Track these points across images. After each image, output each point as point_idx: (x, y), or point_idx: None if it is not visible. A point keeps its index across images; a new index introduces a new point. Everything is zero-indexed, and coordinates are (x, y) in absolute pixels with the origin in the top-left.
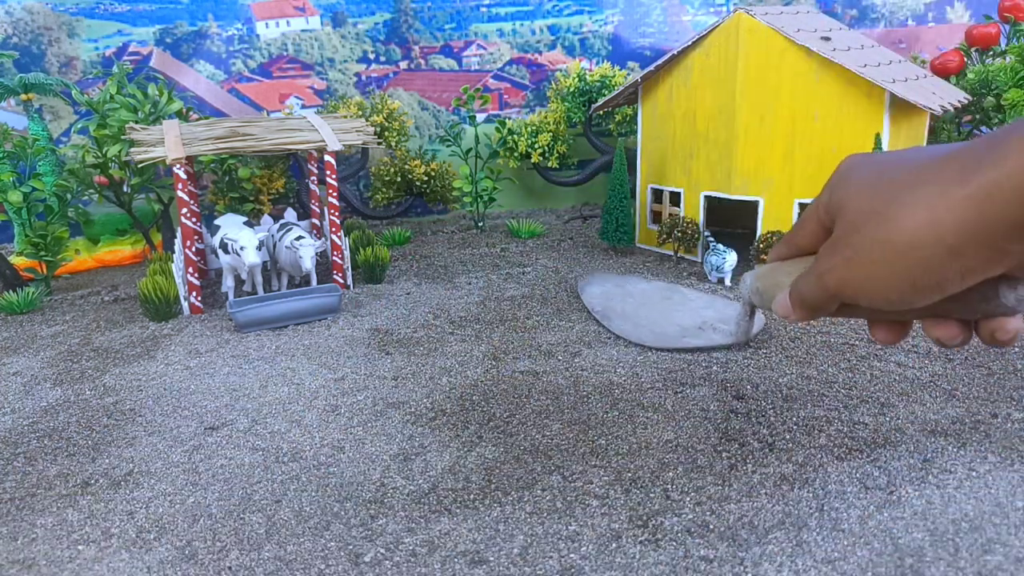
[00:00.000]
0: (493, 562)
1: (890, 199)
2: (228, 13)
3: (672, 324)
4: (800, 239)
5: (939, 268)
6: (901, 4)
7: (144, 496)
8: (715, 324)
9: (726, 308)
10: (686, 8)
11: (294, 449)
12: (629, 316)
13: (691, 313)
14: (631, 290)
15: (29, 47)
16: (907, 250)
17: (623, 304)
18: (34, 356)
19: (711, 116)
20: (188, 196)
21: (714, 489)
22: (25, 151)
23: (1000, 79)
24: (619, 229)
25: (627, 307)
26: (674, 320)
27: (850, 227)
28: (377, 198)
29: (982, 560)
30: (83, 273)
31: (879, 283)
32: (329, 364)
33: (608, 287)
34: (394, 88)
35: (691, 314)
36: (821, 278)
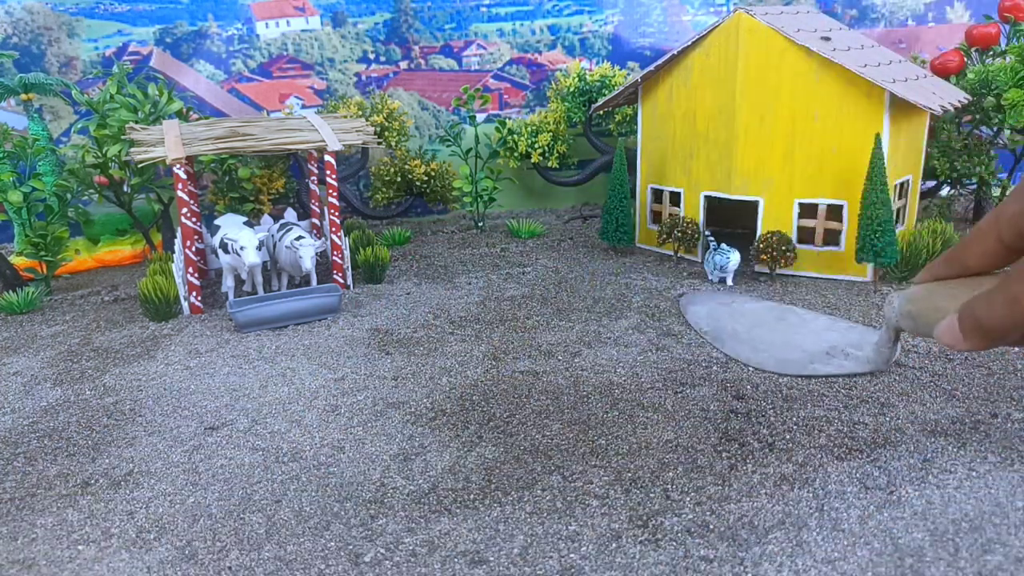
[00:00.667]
0: (493, 562)
1: None
2: (228, 13)
3: (795, 348)
4: (970, 257)
5: None
6: (901, 4)
7: (144, 496)
8: (845, 349)
9: (850, 331)
10: (686, 8)
11: (294, 449)
12: (743, 338)
13: (812, 336)
14: (739, 309)
15: (29, 47)
16: None
17: (734, 324)
18: (34, 356)
19: (711, 116)
20: (188, 196)
21: (714, 489)
22: (25, 151)
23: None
24: (619, 229)
25: (739, 327)
26: (796, 343)
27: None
28: (377, 198)
29: (982, 560)
30: (83, 273)
31: None
32: (329, 364)
33: (713, 306)
34: (394, 88)
35: (813, 337)
36: (1017, 302)
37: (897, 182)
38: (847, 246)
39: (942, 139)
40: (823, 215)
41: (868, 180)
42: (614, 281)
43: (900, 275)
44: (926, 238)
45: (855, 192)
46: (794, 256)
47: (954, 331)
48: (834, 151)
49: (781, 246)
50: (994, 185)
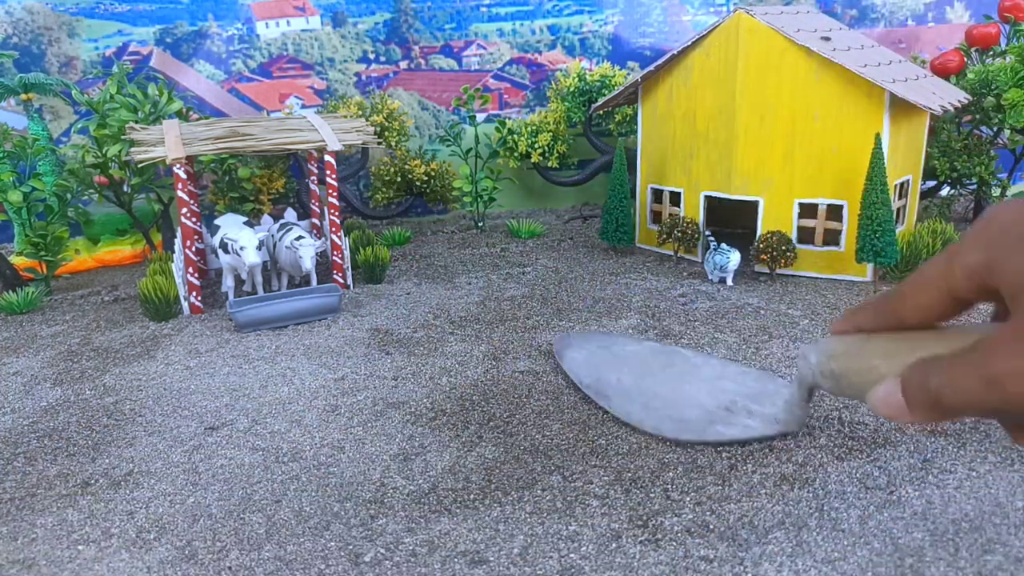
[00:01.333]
0: (493, 562)
1: None
2: (228, 13)
3: (691, 404)
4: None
5: None
6: (901, 4)
7: (144, 496)
8: (747, 404)
9: (744, 377)
10: (686, 8)
11: (294, 449)
12: (633, 392)
13: (707, 386)
14: (620, 353)
15: (29, 47)
16: None
17: (618, 374)
18: (34, 356)
19: (711, 116)
20: (188, 196)
21: (714, 489)
22: (25, 151)
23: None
24: (619, 229)
25: (624, 378)
26: (691, 397)
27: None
28: (377, 198)
29: (982, 560)
30: (83, 273)
31: None
32: (329, 364)
33: (592, 349)
34: (394, 88)
35: (708, 388)
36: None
37: (897, 182)
38: (847, 246)
39: (942, 139)
40: (823, 215)
41: (868, 180)
42: (614, 281)
43: (900, 275)
44: (926, 238)
45: (855, 192)
46: (794, 256)
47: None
48: (834, 151)
49: (781, 246)
50: (994, 185)
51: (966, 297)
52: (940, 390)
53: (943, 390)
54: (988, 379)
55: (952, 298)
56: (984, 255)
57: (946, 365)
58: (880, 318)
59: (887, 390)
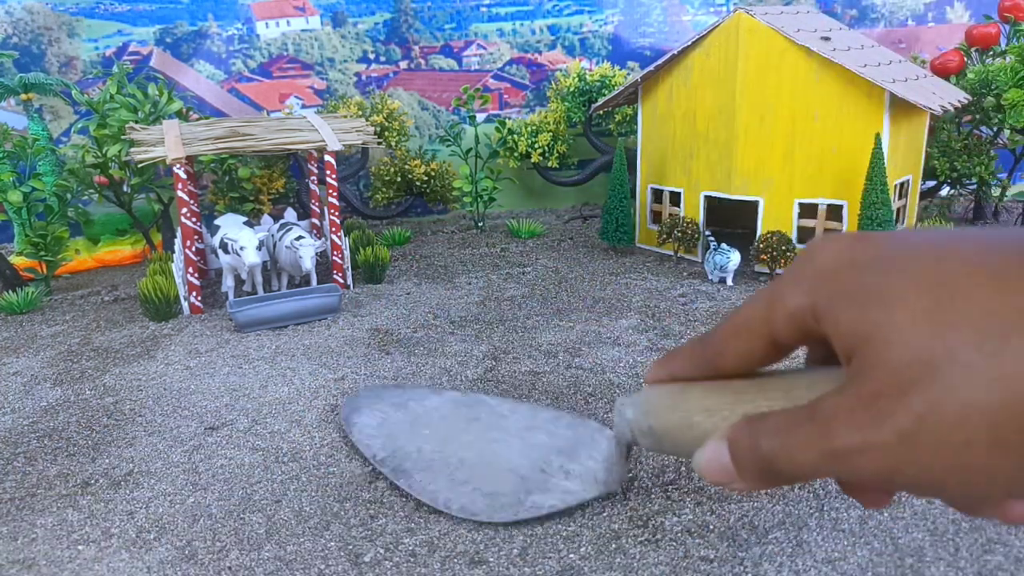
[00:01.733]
0: (493, 562)
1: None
2: (228, 13)
3: (502, 470)
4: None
5: None
6: (901, 4)
7: (144, 496)
8: (563, 463)
9: (556, 424)
10: (686, 8)
11: (294, 449)
12: (435, 464)
13: (518, 443)
14: (418, 412)
15: (29, 47)
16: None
17: (417, 442)
18: (34, 356)
19: (711, 116)
20: (188, 196)
21: (714, 489)
22: (25, 151)
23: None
24: (619, 229)
25: (425, 446)
26: (501, 461)
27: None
28: (377, 198)
29: (982, 560)
30: (83, 273)
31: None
32: (329, 364)
33: (385, 409)
34: (394, 88)
35: (519, 444)
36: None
37: (897, 182)
38: None
39: (942, 139)
40: (823, 215)
41: (868, 180)
42: (614, 281)
43: None
44: None
45: (855, 192)
46: (794, 256)
47: (723, 466)
48: (834, 151)
49: (781, 246)
50: (994, 185)
51: (789, 344)
52: (773, 456)
53: (777, 457)
54: (830, 452)
55: (773, 344)
56: (810, 300)
57: (780, 430)
58: (695, 365)
59: (712, 453)
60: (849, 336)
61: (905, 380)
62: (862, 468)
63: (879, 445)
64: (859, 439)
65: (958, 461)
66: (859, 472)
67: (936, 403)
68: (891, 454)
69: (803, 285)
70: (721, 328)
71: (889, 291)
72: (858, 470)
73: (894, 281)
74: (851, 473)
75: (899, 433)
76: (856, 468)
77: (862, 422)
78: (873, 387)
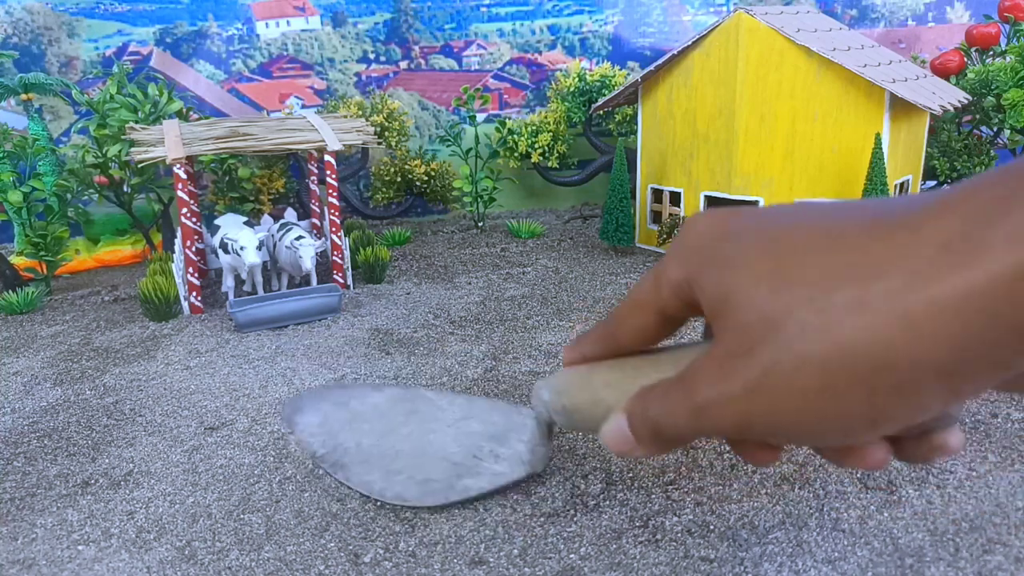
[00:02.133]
0: (493, 563)
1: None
2: (228, 13)
3: (437, 458)
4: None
5: (918, 394)
6: (901, 4)
7: (144, 496)
8: (494, 447)
9: (492, 414)
10: (686, 8)
11: (294, 449)
12: (372, 457)
13: (453, 432)
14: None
15: (29, 47)
16: (869, 374)
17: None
18: (34, 356)
19: (711, 116)
20: (188, 196)
21: (715, 489)
22: (25, 151)
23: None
24: (619, 229)
25: (364, 441)
26: (436, 450)
27: (749, 334)
28: (377, 198)
29: (982, 560)
30: (83, 273)
31: (815, 419)
32: (329, 364)
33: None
34: (394, 88)
35: (454, 434)
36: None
37: (897, 182)
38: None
39: (942, 139)
40: None
41: (868, 180)
42: (614, 281)
43: None
44: None
45: (855, 192)
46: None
47: (625, 435)
48: (834, 151)
49: None
50: None
51: (677, 315)
52: (657, 420)
53: (660, 420)
54: (695, 408)
55: (664, 317)
56: (685, 271)
57: (660, 394)
58: (602, 345)
59: (615, 425)
60: (712, 301)
61: (752, 337)
62: (720, 420)
63: (731, 397)
64: (714, 393)
65: (798, 407)
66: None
67: (776, 356)
68: (742, 405)
69: (680, 258)
70: (619, 307)
71: (739, 258)
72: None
73: (744, 249)
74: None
75: (746, 385)
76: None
77: (717, 378)
78: (727, 346)
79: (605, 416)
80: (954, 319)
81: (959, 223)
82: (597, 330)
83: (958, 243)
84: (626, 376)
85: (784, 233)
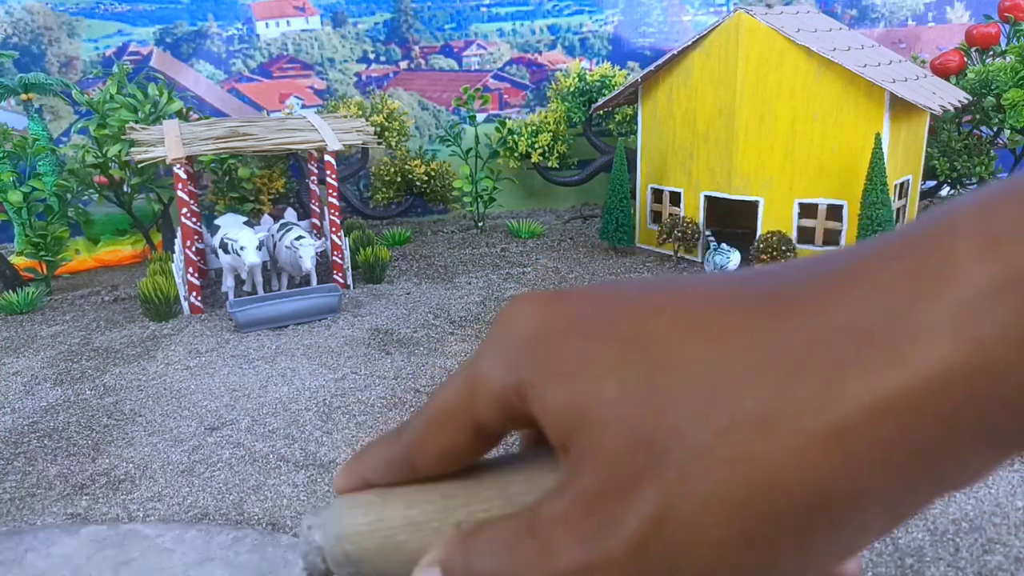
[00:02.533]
0: None
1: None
2: (228, 13)
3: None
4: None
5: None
6: (901, 4)
7: (144, 496)
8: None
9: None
10: (686, 8)
11: (294, 449)
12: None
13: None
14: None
15: (29, 47)
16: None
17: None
18: (34, 356)
19: (711, 116)
20: (188, 196)
21: None
22: (25, 151)
23: (1000, 79)
24: (619, 229)
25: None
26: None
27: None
28: (377, 198)
29: (982, 560)
30: (83, 273)
31: None
32: (329, 364)
33: None
34: (394, 88)
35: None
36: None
37: (897, 182)
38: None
39: (942, 139)
40: (823, 215)
41: (868, 180)
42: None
43: None
44: None
45: (855, 192)
46: (794, 255)
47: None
48: (834, 151)
49: (781, 246)
50: None
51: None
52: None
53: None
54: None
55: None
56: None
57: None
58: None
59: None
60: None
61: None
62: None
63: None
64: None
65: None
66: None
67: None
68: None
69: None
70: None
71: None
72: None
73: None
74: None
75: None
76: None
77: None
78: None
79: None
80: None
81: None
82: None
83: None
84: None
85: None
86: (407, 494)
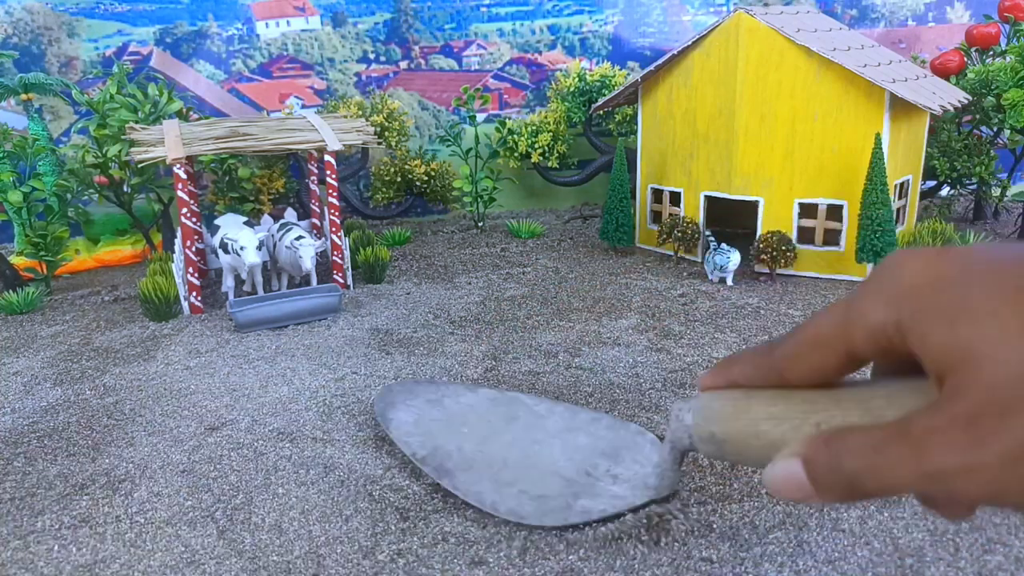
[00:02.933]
0: (493, 563)
1: None
2: (228, 13)
3: (547, 472)
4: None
5: None
6: (901, 4)
7: (144, 496)
8: (608, 466)
9: (595, 426)
10: (686, 8)
11: (295, 450)
12: (478, 463)
13: (559, 443)
14: (455, 409)
15: (29, 47)
16: None
17: (456, 440)
18: (34, 356)
19: (711, 116)
20: (188, 196)
21: (716, 489)
22: (25, 151)
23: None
24: (619, 229)
25: (465, 445)
26: (545, 462)
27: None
28: (377, 198)
29: (982, 560)
30: (83, 273)
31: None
32: (329, 364)
33: (420, 406)
34: (394, 88)
35: (560, 445)
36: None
37: (897, 182)
38: (847, 246)
39: (942, 139)
40: (823, 215)
41: (868, 180)
42: (614, 281)
43: None
44: (926, 238)
45: (855, 192)
46: (794, 256)
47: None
48: (834, 151)
49: (781, 246)
50: (994, 185)
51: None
52: (859, 476)
53: (863, 476)
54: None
55: (849, 358)
56: (894, 315)
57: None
58: (760, 373)
59: (786, 471)
60: (940, 354)
61: (1005, 400)
62: (963, 489)
63: (982, 467)
64: (959, 461)
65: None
66: (960, 493)
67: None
68: (995, 476)
69: (885, 301)
70: (792, 339)
71: (979, 307)
72: (958, 491)
73: (983, 297)
74: (950, 494)
75: (1003, 456)
76: (956, 489)
77: (962, 444)
78: (971, 407)
79: (765, 453)
80: None
81: None
82: (755, 356)
83: None
84: (797, 410)
85: None
86: (772, 395)
